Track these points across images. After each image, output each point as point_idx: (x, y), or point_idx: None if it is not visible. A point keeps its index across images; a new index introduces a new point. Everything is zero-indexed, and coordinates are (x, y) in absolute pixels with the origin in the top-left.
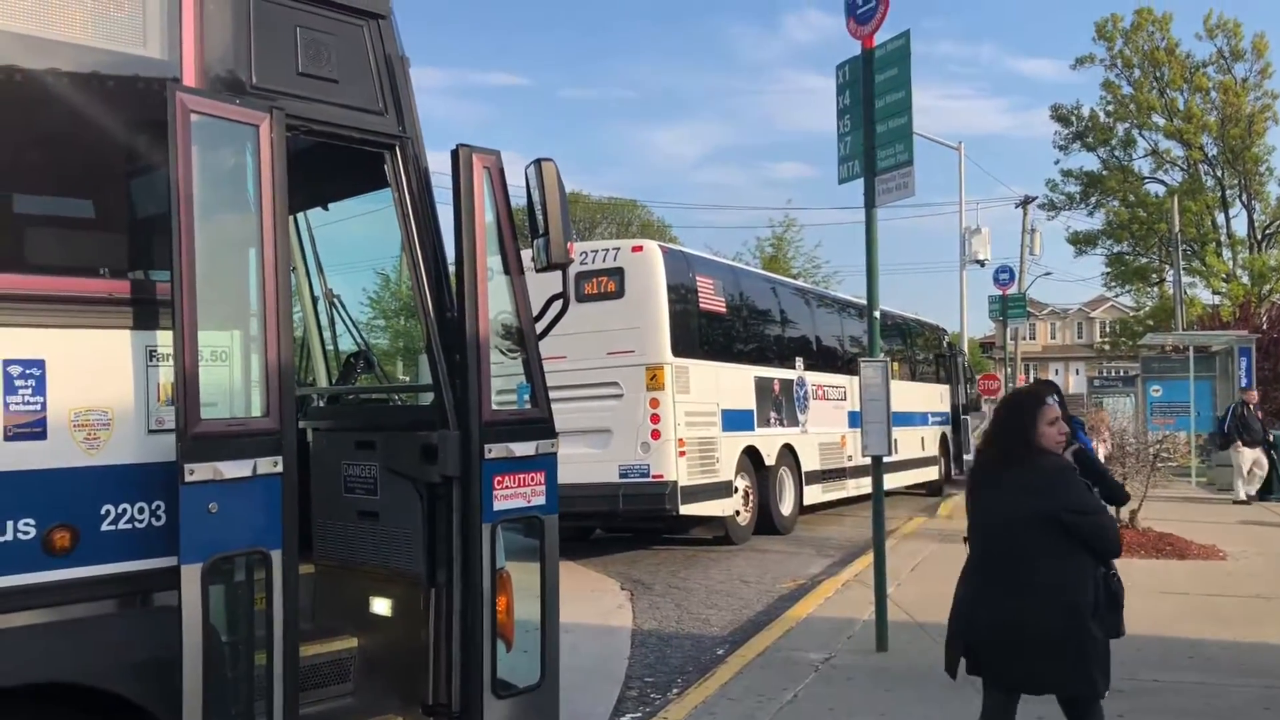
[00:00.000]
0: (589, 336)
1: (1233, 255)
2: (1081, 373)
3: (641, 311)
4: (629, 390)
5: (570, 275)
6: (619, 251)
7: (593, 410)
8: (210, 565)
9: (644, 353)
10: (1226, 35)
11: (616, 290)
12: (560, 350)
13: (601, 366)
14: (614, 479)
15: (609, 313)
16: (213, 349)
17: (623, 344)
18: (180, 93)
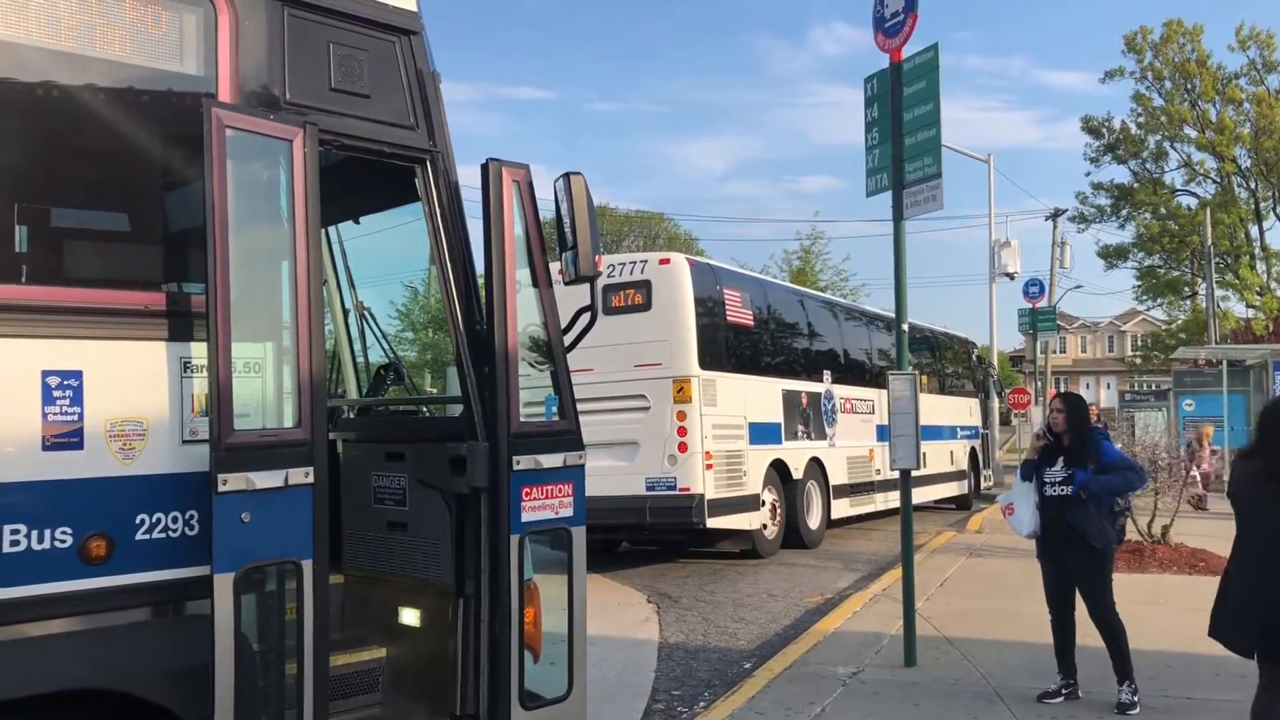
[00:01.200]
0: (616, 349)
1: (1267, 268)
2: (1113, 386)
3: (669, 324)
4: (656, 403)
5: (599, 288)
6: (646, 264)
7: (620, 423)
8: (242, 574)
9: (671, 365)
10: (1259, 46)
11: (644, 303)
12: (587, 363)
13: (629, 379)
14: (641, 491)
15: (636, 325)
16: (246, 361)
17: (650, 357)
18: (215, 108)
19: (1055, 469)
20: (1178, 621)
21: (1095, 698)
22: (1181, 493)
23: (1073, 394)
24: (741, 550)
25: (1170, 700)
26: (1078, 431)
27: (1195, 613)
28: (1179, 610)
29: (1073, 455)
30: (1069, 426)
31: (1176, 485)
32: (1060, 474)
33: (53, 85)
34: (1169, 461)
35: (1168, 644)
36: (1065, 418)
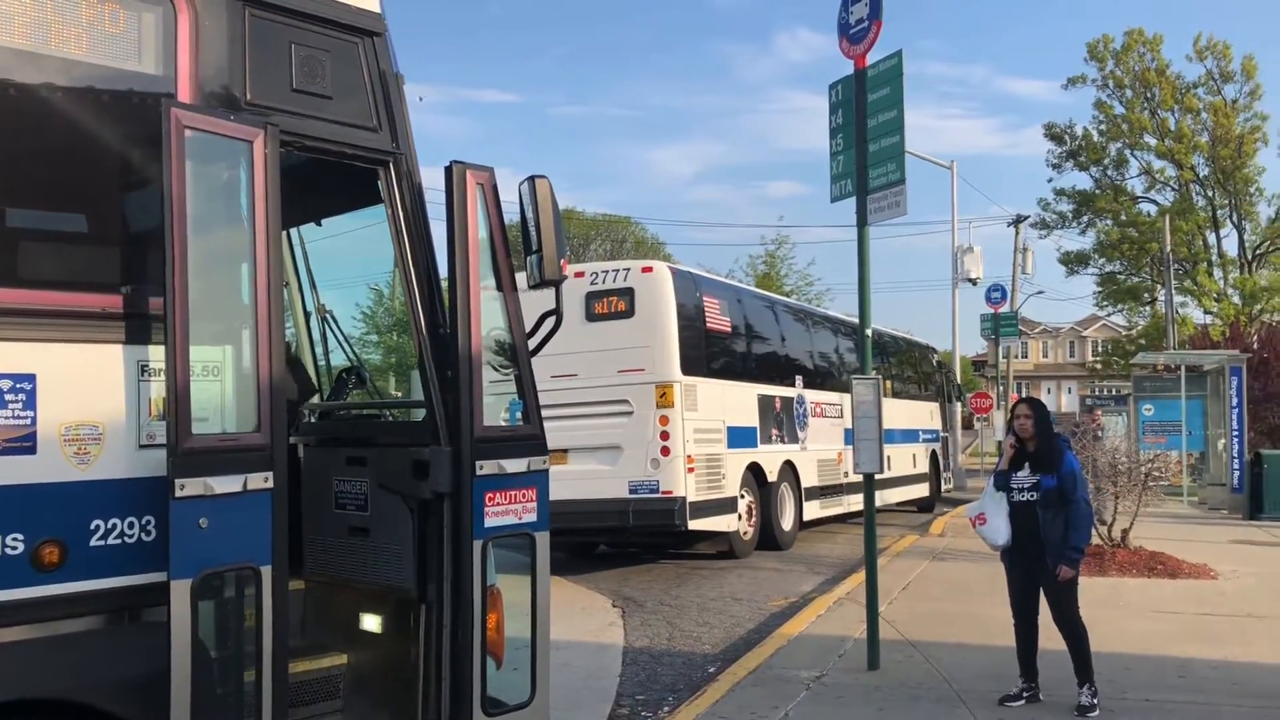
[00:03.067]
0: (599, 355)
1: (1224, 275)
2: (1074, 391)
3: (651, 331)
4: (639, 408)
5: (563, 292)
6: (629, 272)
7: (603, 427)
8: (200, 581)
9: (654, 371)
10: (1216, 57)
11: (627, 310)
12: (571, 368)
13: (612, 384)
14: (624, 494)
15: (619, 332)
16: (204, 364)
17: (633, 362)
18: (174, 108)
19: (1022, 475)
20: (1137, 624)
21: (1056, 701)
22: (1141, 497)
23: (1036, 399)
24: (719, 551)
25: (1129, 702)
26: (1044, 437)
27: (1155, 615)
28: (1138, 613)
29: (1039, 461)
30: (1036, 432)
31: (1136, 489)
32: (1028, 480)
33: (7, 83)
34: (1128, 466)
35: (1127, 647)
36: (1033, 423)
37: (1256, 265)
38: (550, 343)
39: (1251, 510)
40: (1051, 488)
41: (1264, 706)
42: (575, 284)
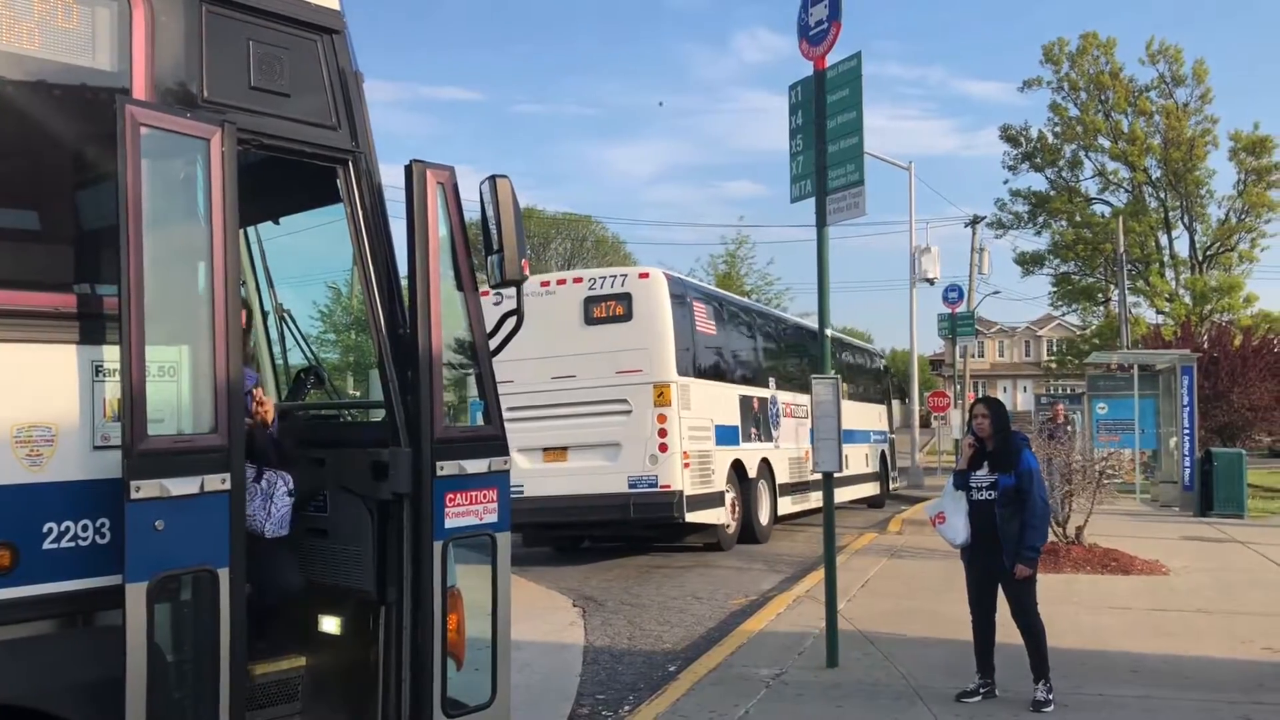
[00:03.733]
0: (598, 357)
1: (1175, 276)
2: (1029, 390)
3: (649, 333)
4: (637, 407)
5: (562, 297)
6: (627, 278)
7: (602, 425)
8: (156, 584)
9: (651, 371)
10: (1168, 61)
11: (625, 314)
12: (570, 370)
13: (611, 384)
14: (624, 489)
15: (617, 335)
16: (160, 364)
17: (631, 364)
18: (129, 105)
19: (981, 473)
20: (1092, 620)
21: (1012, 696)
22: (1095, 494)
23: (994, 399)
24: (706, 544)
25: (1084, 697)
26: (1002, 437)
27: (1109, 611)
28: (1093, 609)
29: (997, 460)
30: (993, 431)
31: (1090, 487)
32: (986, 479)
33: None
34: (1083, 463)
35: (1082, 642)
36: (990, 422)
37: (1207, 266)
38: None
39: (1202, 507)
40: (1009, 486)
41: (1212, 700)
42: (574, 289)
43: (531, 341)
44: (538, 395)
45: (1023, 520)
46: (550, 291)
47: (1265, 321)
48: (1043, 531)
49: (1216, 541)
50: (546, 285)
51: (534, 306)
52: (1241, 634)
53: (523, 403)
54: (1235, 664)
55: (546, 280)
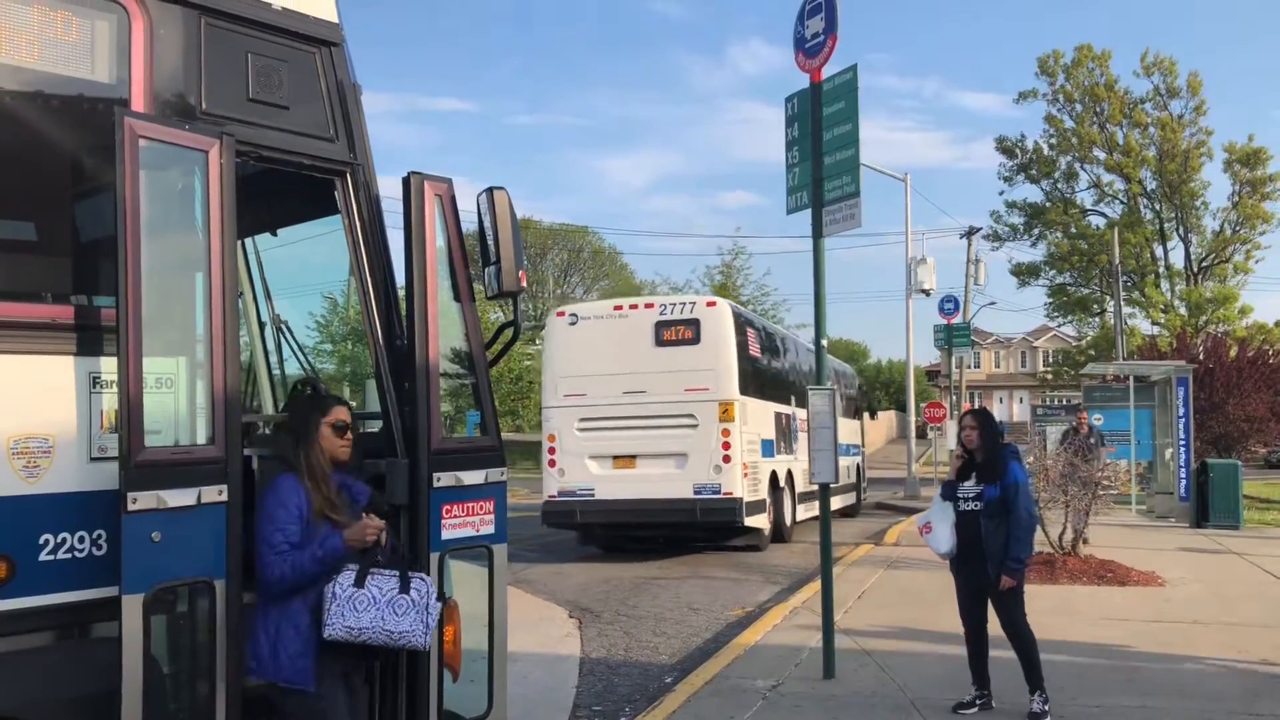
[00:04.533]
0: (667, 376)
1: (1170, 287)
2: (1025, 401)
3: (714, 356)
4: (704, 421)
5: (632, 320)
6: (695, 305)
7: (670, 437)
8: (153, 595)
9: (717, 390)
10: (1163, 73)
11: (693, 338)
12: (641, 386)
13: (679, 400)
14: (690, 495)
15: (686, 356)
16: (158, 376)
17: (698, 382)
18: (128, 117)
19: (968, 484)
20: (1089, 631)
21: (1008, 708)
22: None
23: (984, 410)
24: (748, 545)
25: (1080, 708)
26: (989, 448)
27: (1105, 622)
28: (1089, 620)
29: (984, 472)
30: (982, 443)
31: (1086, 498)
32: (973, 490)
33: None
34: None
35: (1078, 653)
36: (978, 434)
37: (1202, 278)
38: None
39: (1197, 518)
40: (994, 498)
41: (1209, 710)
42: (646, 313)
43: (605, 359)
44: (610, 408)
45: (1007, 531)
46: (623, 315)
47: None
48: (1027, 543)
49: (1212, 553)
50: (620, 309)
51: (607, 328)
52: (1238, 645)
53: (596, 414)
54: (1232, 675)
55: (620, 304)
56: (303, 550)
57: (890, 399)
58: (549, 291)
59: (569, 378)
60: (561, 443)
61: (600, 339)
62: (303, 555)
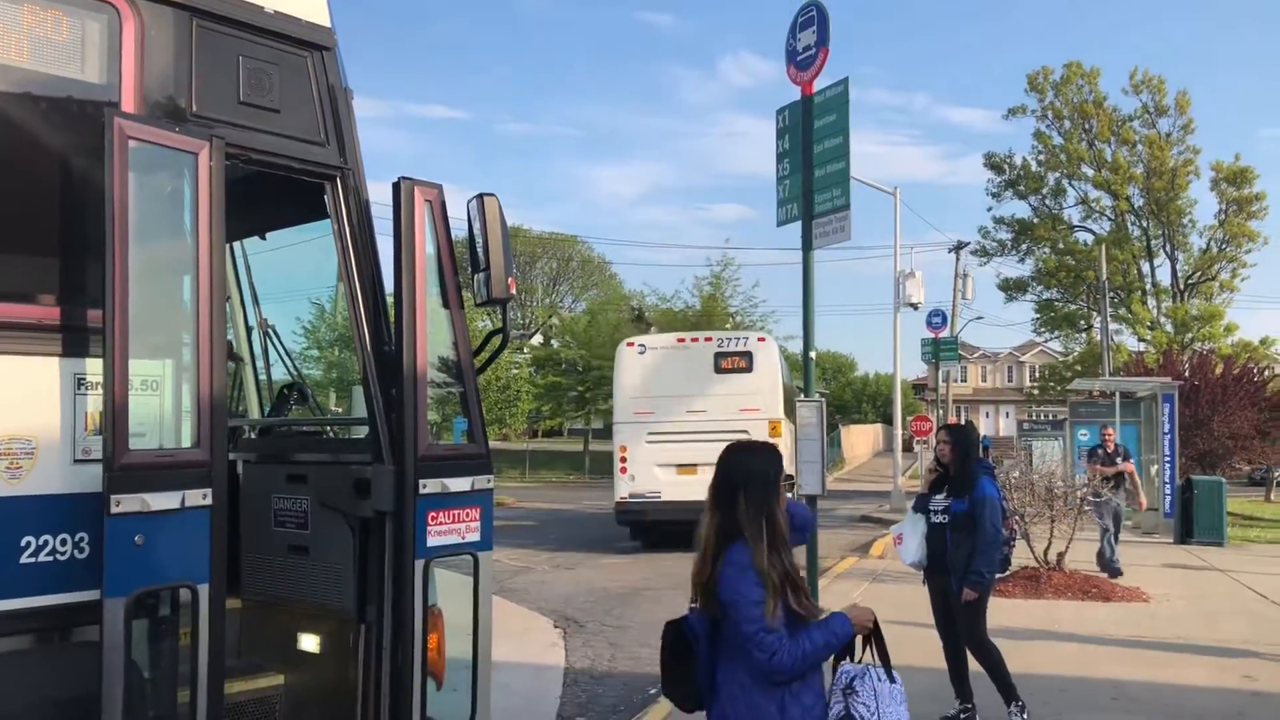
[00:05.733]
0: (724, 398)
1: (1157, 304)
2: (1011, 416)
3: (765, 382)
4: (755, 435)
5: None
6: (748, 340)
7: None
8: (135, 599)
9: (767, 411)
10: (1151, 91)
11: (746, 367)
12: (702, 406)
13: (736, 419)
14: None
15: (740, 381)
16: (143, 378)
17: (750, 404)
18: (118, 118)
19: (939, 498)
20: (1072, 646)
21: None
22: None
23: (960, 426)
24: None
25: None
26: (961, 463)
27: (1090, 638)
28: (1073, 635)
29: (955, 486)
30: (954, 458)
31: (1072, 513)
32: (942, 503)
33: None
34: (1064, 489)
35: (1062, 668)
36: (951, 449)
37: (1188, 295)
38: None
39: (1182, 534)
40: (961, 511)
41: None
42: (706, 345)
43: (670, 383)
44: (675, 424)
45: (973, 545)
46: (685, 347)
47: (1245, 350)
48: (989, 557)
49: (1197, 569)
50: (682, 341)
51: (672, 356)
52: (1222, 662)
53: (663, 429)
54: (1215, 692)
55: (683, 337)
56: (809, 634)
57: (877, 412)
58: (537, 300)
59: (638, 398)
60: (632, 453)
61: (666, 366)
62: (811, 640)
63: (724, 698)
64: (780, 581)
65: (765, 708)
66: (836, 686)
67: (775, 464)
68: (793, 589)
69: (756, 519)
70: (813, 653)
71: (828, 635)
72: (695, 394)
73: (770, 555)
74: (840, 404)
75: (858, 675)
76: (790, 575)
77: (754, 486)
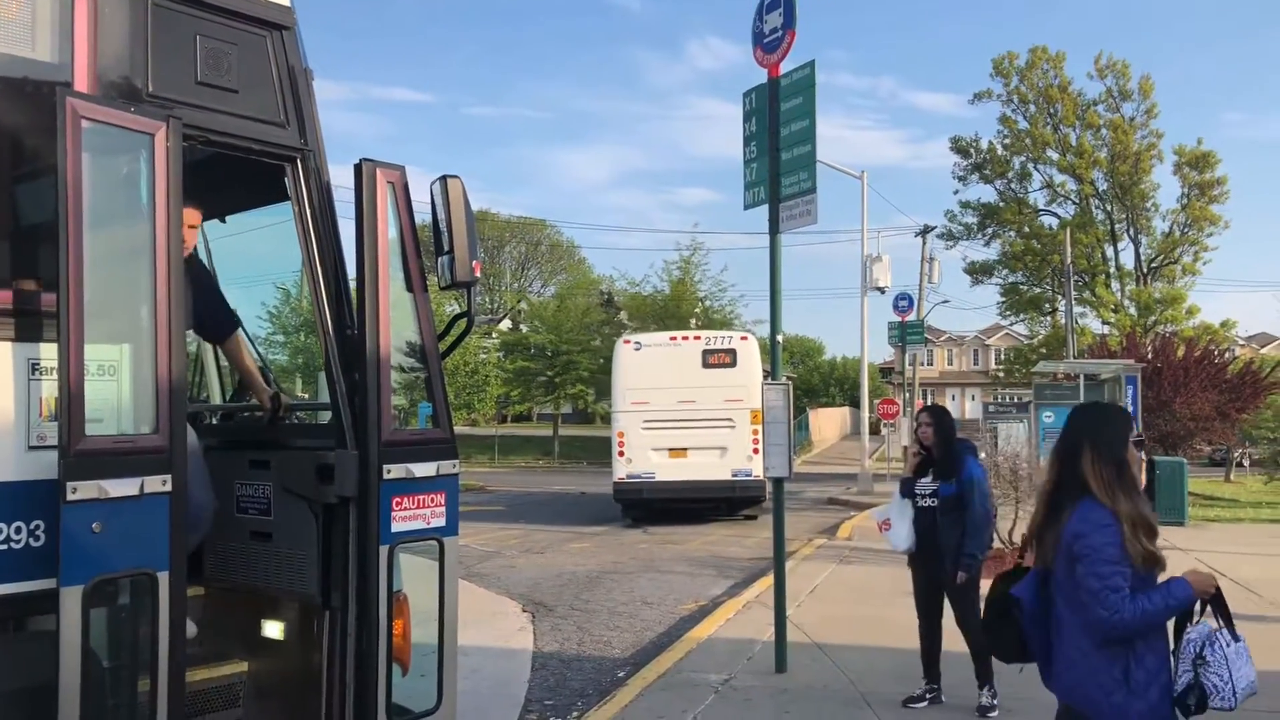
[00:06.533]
0: (712, 390)
1: (1121, 287)
2: (977, 398)
3: (747, 376)
4: (739, 424)
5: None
6: (733, 339)
7: (714, 434)
8: (92, 587)
9: (748, 401)
10: (1115, 76)
11: (731, 362)
12: (692, 397)
13: (721, 408)
14: (729, 478)
15: (726, 376)
16: (100, 363)
17: (735, 396)
18: (71, 98)
19: (925, 481)
20: None
21: (958, 702)
22: None
23: (939, 407)
24: (745, 516)
25: (1028, 703)
26: (945, 445)
27: None
28: None
29: (940, 468)
30: (938, 440)
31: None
32: (929, 486)
33: None
34: (1029, 471)
35: None
36: (934, 431)
37: (1151, 278)
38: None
39: None
40: (950, 494)
41: None
42: (695, 344)
43: (664, 376)
44: (668, 413)
45: (963, 527)
46: (677, 344)
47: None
48: (981, 539)
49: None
50: (675, 340)
51: (665, 353)
52: None
53: (658, 417)
54: None
55: (674, 336)
56: (1150, 596)
57: (844, 395)
58: (506, 284)
59: (634, 389)
60: (629, 438)
61: (659, 361)
62: (1151, 601)
63: (1063, 661)
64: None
65: (1108, 671)
66: (1186, 655)
67: (1123, 420)
68: (1146, 533)
69: (1106, 471)
70: (1153, 613)
71: (1168, 599)
72: (685, 386)
73: (1123, 502)
74: (808, 387)
75: (1206, 642)
76: (1144, 519)
77: (1103, 440)
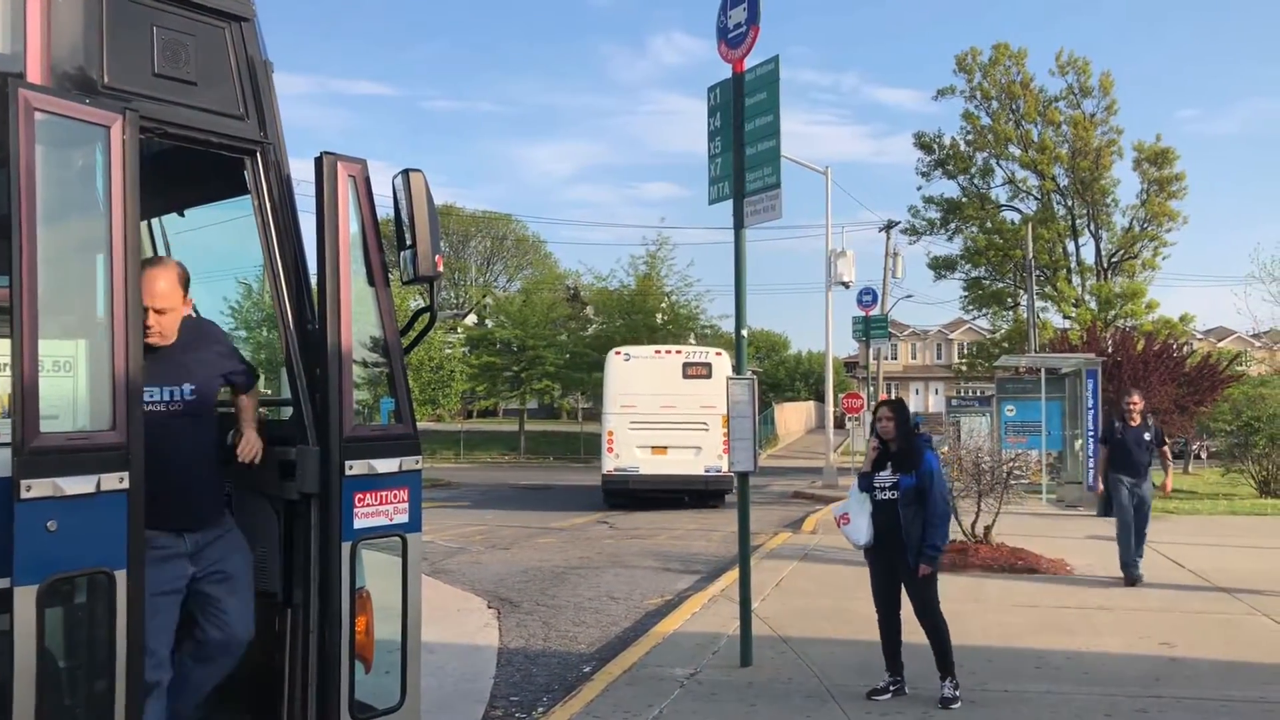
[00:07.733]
0: (689, 397)
1: (1081, 282)
2: (940, 392)
3: (720, 387)
4: (712, 428)
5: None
6: (708, 354)
7: (690, 435)
8: (48, 586)
9: (721, 409)
10: (1076, 72)
11: (706, 374)
12: (672, 403)
13: (697, 413)
14: (702, 473)
15: (702, 386)
16: (55, 359)
17: (709, 403)
18: (24, 90)
19: (884, 474)
20: (999, 618)
21: (921, 693)
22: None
23: (899, 401)
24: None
25: (990, 693)
26: (905, 438)
27: (1016, 610)
28: (1000, 608)
29: (899, 461)
30: (897, 433)
31: (998, 487)
32: (889, 479)
33: None
34: (991, 464)
35: (989, 640)
36: (894, 425)
37: (1112, 273)
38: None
39: (1104, 507)
40: (910, 486)
41: (1112, 694)
42: (676, 357)
43: (648, 384)
44: (651, 416)
45: (924, 519)
46: (661, 356)
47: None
48: (943, 531)
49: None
50: (659, 353)
51: (650, 364)
52: (1140, 630)
53: (642, 419)
54: (1134, 659)
55: (659, 350)
56: None
57: (810, 390)
58: (471, 279)
59: (623, 395)
60: (617, 437)
61: (645, 371)
62: None
63: None
64: None
65: None
66: None
67: None
68: None
69: None
70: None
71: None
72: (667, 393)
73: None
74: (774, 382)
75: None
76: None
77: None
